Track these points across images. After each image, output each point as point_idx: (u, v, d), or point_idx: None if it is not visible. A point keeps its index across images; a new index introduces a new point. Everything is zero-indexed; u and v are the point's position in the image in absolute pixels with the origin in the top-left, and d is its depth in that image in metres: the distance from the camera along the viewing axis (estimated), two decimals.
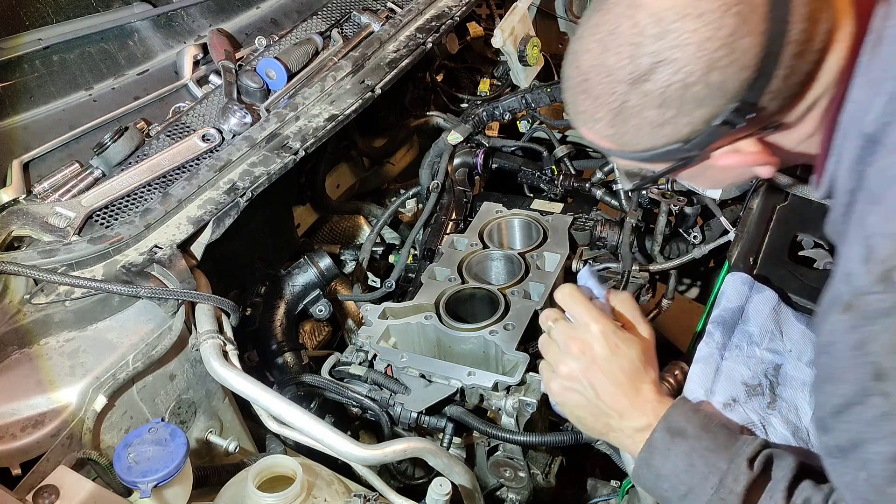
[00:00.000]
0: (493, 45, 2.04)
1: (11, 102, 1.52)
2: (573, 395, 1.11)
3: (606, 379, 1.08)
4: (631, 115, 0.92)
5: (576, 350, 1.09)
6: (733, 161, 0.97)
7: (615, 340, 1.08)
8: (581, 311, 1.10)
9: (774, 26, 0.85)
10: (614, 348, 1.08)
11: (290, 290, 1.65)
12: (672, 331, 1.82)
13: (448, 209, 1.86)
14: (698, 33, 0.85)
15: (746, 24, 0.85)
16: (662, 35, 0.86)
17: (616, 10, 0.91)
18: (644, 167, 1.04)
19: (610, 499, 1.49)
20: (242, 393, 1.25)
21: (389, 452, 1.21)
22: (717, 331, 1.30)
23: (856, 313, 0.82)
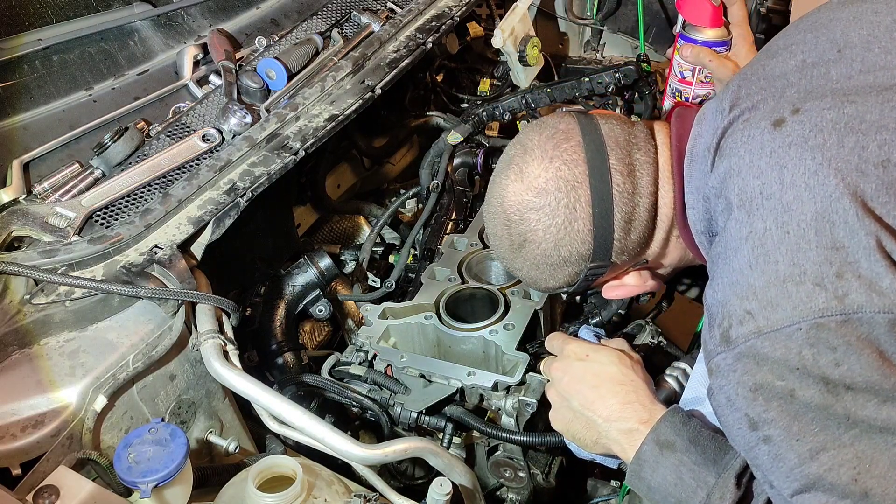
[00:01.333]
0: (493, 45, 2.04)
1: (11, 102, 1.52)
2: (564, 413, 1.20)
3: (582, 386, 1.17)
4: (522, 269, 1.23)
5: (555, 372, 1.22)
6: (621, 292, 1.26)
7: (584, 352, 1.21)
8: (556, 341, 1.28)
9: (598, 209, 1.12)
10: (584, 358, 1.20)
11: (290, 290, 1.65)
12: (672, 331, 1.81)
13: (448, 209, 1.86)
14: (542, 222, 1.14)
15: (575, 211, 1.12)
16: (521, 224, 1.16)
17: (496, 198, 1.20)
18: None
19: (610, 499, 1.50)
20: (243, 393, 1.24)
21: (390, 452, 1.21)
22: None
23: (716, 375, 0.94)
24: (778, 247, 0.89)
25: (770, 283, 0.89)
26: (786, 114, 0.96)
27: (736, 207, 0.96)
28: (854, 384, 0.85)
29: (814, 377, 0.86)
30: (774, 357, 0.88)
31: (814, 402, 0.86)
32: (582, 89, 1.97)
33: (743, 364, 0.90)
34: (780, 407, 0.88)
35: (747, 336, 0.89)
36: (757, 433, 0.90)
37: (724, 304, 0.94)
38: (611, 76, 1.93)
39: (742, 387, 0.90)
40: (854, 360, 0.84)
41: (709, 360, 0.96)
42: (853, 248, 0.85)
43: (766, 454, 0.90)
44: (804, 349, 0.86)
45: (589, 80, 1.95)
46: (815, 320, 0.85)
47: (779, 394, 0.88)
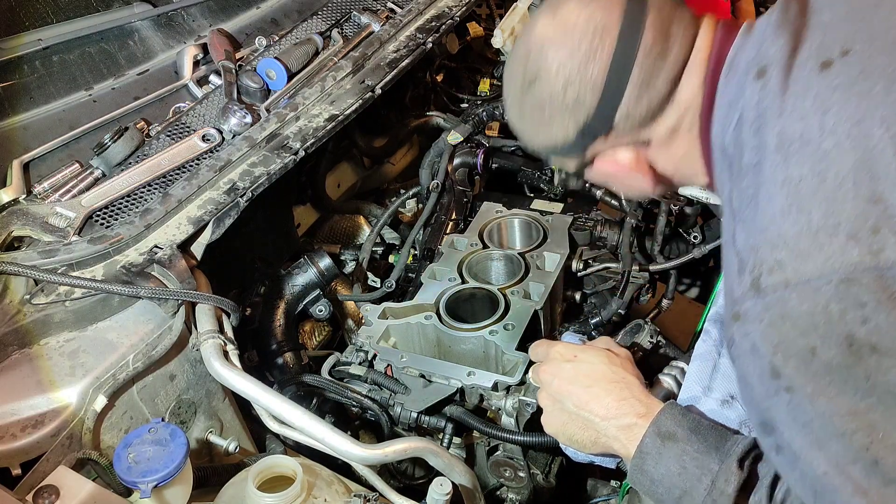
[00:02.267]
0: (493, 45, 2.04)
1: (11, 102, 1.52)
2: (558, 415, 1.19)
3: (574, 386, 1.16)
4: (524, 115, 1.17)
5: (545, 375, 1.21)
6: (611, 168, 1.17)
7: (572, 353, 1.21)
8: (541, 347, 1.28)
9: (618, 60, 1.06)
10: (573, 359, 1.20)
11: (290, 290, 1.65)
12: (672, 331, 1.81)
13: (448, 209, 1.86)
14: (559, 59, 1.08)
15: (595, 55, 1.07)
16: (539, 58, 1.10)
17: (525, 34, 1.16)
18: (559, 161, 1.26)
19: (610, 499, 1.50)
20: (243, 393, 1.24)
21: (390, 452, 1.21)
22: (714, 328, 1.30)
23: (743, 321, 0.91)
24: (813, 196, 0.86)
25: (802, 232, 0.86)
26: (834, 55, 0.92)
27: (773, 150, 0.92)
28: (879, 345, 0.82)
29: (838, 335, 0.83)
30: (800, 311, 0.85)
31: (835, 363, 0.83)
32: None
33: (770, 315, 0.87)
34: (799, 366, 0.86)
35: (776, 287, 0.87)
36: (779, 382, 0.87)
37: (756, 251, 0.91)
38: None
39: (767, 337, 0.88)
40: (883, 319, 0.81)
41: (735, 305, 0.92)
42: (893, 202, 0.82)
43: (786, 405, 0.87)
44: (832, 304, 0.83)
45: None
46: (846, 274, 0.82)
47: (800, 351, 0.85)
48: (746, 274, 0.91)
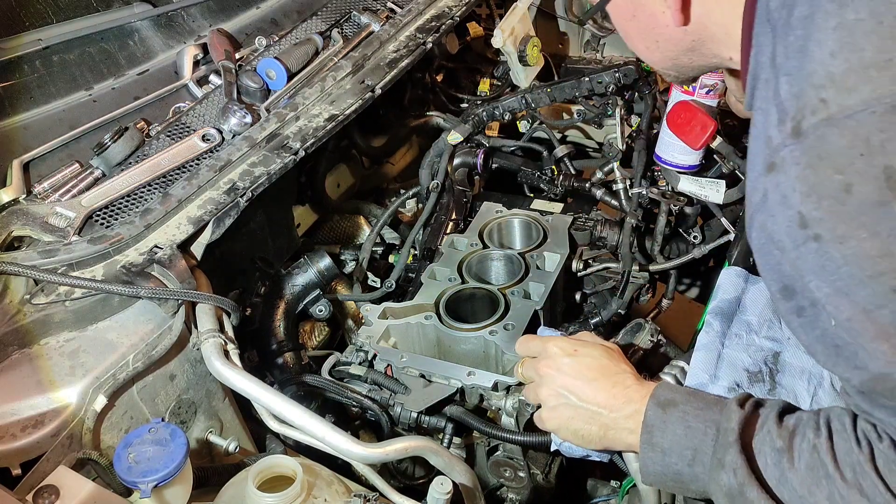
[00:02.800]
0: (493, 45, 2.04)
1: (11, 102, 1.52)
2: (562, 410, 1.17)
3: (578, 380, 1.16)
4: None
5: (544, 370, 1.20)
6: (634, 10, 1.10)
7: (572, 347, 1.20)
8: (535, 343, 1.26)
9: None
10: (573, 353, 1.19)
11: (290, 290, 1.65)
12: (672, 331, 1.82)
13: (448, 209, 1.86)
14: None
15: None
16: None
17: None
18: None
19: (610, 499, 1.49)
20: (243, 392, 1.24)
21: (391, 451, 1.21)
22: (715, 321, 1.31)
23: (776, 171, 0.88)
24: (868, 35, 0.84)
25: (852, 69, 0.84)
26: None
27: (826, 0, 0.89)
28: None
29: (876, 167, 0.81)
30: (840, 146, 0.83)
31: (870, 200, 0.81)
32: (582, 89, 1.97)
33: (808, 157, 0.85)
34: (832, 207, 0.83)
35: (818, 126, 0.84)
36: (806, 231, 0.85)
37: (800, 97, 0.88)
38: (611, 76, 1.93)
39: (801, 181, 0.85)
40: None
41: (771, 155, 0.89)
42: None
43: (813, 254, 0.85)
44: (873, 134, 0.81)
45: (589, 79, 1.95)
46: (892, 103, 0.81)
47: (834, 191, 0.83)
48: (788, 121, 0.88)
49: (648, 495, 1.24)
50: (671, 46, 1.16)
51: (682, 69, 1.22)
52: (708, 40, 1.11)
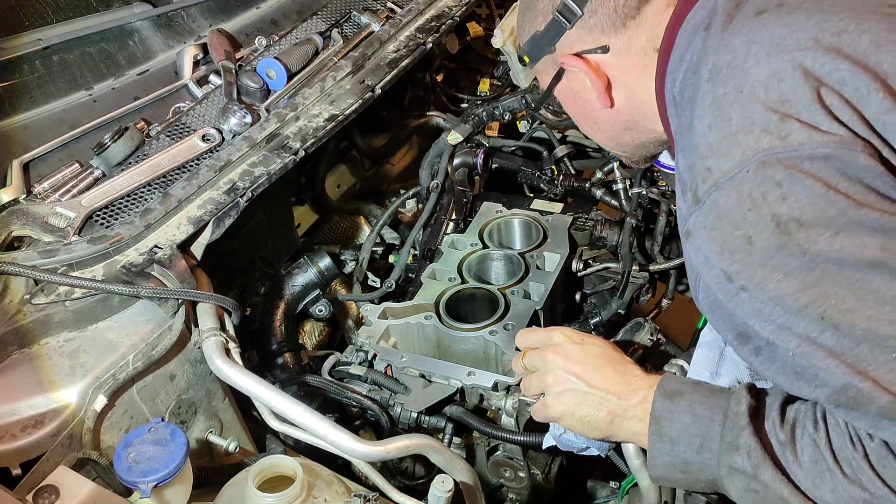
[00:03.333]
0: (493, 45, 2.04)
1: (11, 102, 1.52)
2: (569, 396, 1.17)
3: (587, 366, 1.17)
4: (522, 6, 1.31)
5: (551, 356, 1.20)
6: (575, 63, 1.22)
7: (578, 336, 1.22)
8: (539, 333, 1.27)
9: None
10: (580, 341, 1.20)
11: (290, 290, 1.65)
12: (672, 330, 1.82)
13: (448, 209, 1.86)
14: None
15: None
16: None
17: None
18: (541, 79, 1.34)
19: (609, 500, 1.50)
20: (245, 390, 1.24)
21: (392, 449, 1.21)
22: None
23: (692, 237, 0.99)
24: (732, 105, 0.97)
25: (724, 137, 0.96)
26: (770, 6, 1.03)
27: (706, 80, 1.03)
28: (803, 218, 0.89)
29: (764, 217, 0.91)
30: (730, 205, 0.93)
31: (770, 245, 0.91)
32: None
33: (709, 220, 0.96)
34: (744, 259, 0.93)
35: (709, 191, 0.96)
36: (733, 284, 0.94)
37: (692, 168, 1.00)
38: None
39: (712, 242, 0.96)
40: (799, 191, 0.89)
41: (684, 224, 1.01)
42: (796, 99, 0.93)
43: (746, 302, 0.94)
44: (753, 190, 0.92)
45: None
46: (760, 160, 0.92)
47: (740, 245, 0.93)
48: (688, 192, 1.00)
49: (648, 495, 1.24)
50: (609, 127, 1.31)
51: (625, 147, 1.35)
52: (640, 118, 1.26)
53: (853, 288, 0.87)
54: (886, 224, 0.88)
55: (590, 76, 1.23)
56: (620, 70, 1.23)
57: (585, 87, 1.26)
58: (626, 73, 1.23)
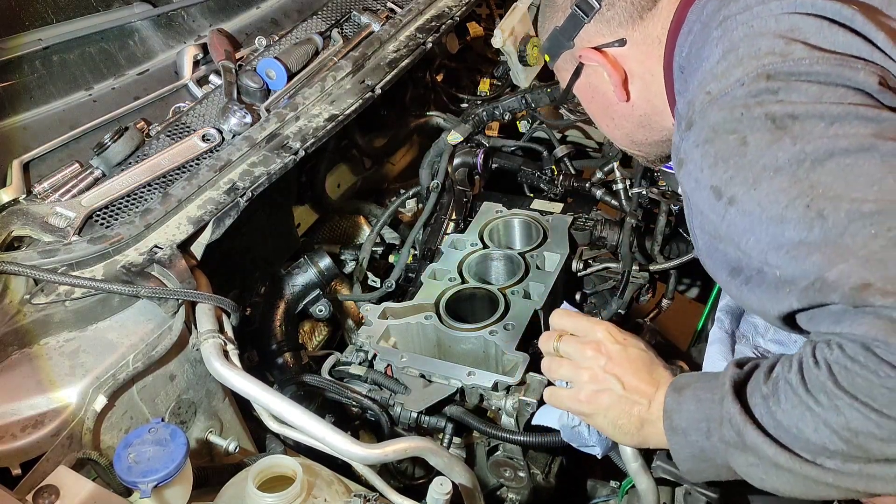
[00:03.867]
0: (493, 45, 2.04)
1: (11, 102, 1.52)
2: (603, 396, 1.14)
3: (626, 369, 1.13)
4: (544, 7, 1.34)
5: (591, 353, 1.15)
6: (593, 56, 1.25)
7: (621, 336, 1.17)
8: (583, 321, 1.20)
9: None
10: (623, 342, 1.16)
11: (290, 290, 1.65)
12: (672, 331, 1.82)
13: (448, 209, 1.86)
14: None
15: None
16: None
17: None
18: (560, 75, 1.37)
19: (609, 499, 1.49)
20: (243, 392, 1.24)
21: (390, 451, 1.21)
22: (726, 318, 1.33)
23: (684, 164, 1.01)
24: (742, 39, 1.00)
25: (730, 64, 0.98)
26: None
27: (715, 28, 1.06)
28: (796, 112, 0.90)
29: (759, 117, 0.92)
30: (723, 116, 0.95)
31: (763, 142, 0.91)
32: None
33: (703, 135, 0.97)
34: (737, 162, 0.93)
35: (703, 109, 0.98)
36: (722, 200, 0.94)
37: (691, 102, 1.02)
38: None
39: (704, 158, 0.96)
40: (794, 94, 0.91)
41: (677, 155, 1.03)
42: (806, 28, 0.96)
43: (736, 216, 0.93)
44: (748, 98, 0.94)
45: None
46: (757, 73, 0.94)
47: (734, 148, 0.93)
48: (682, 123, 1.02)
49: (647, 497, 1.24)
50: (625, 122, 1.32)
51: (641, 146, 1.36)
52: (653, 113, 1.27)
53: (842, 174, 0.86)
54: (881, 115, 0.88)
55: (607, 69, 1.24)
56: (637, 62, 1.24)
57: (603, 82, 1.28)
58: (641, 65, 1.24)
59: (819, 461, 0.88)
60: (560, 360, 1.19)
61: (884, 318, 0.81)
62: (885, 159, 0.85)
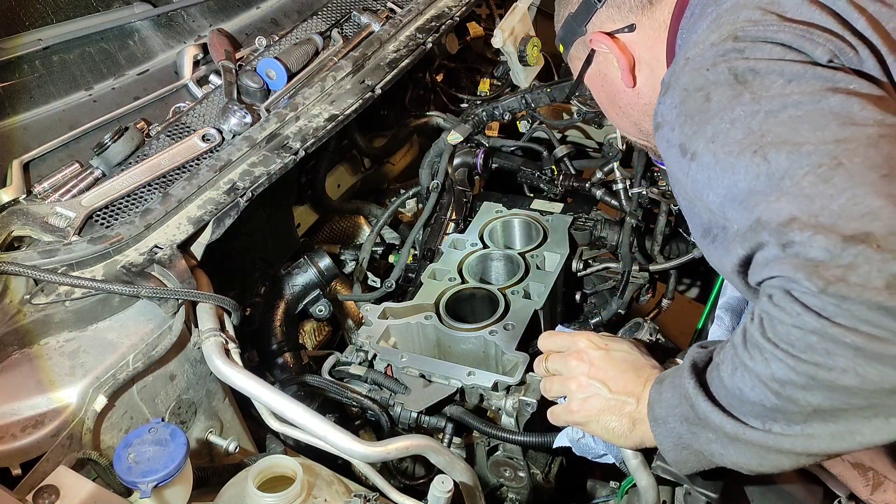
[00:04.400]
0: (493, 45, 2.04)
1: (11, 102, 1.52)
2: (592, 401, 1.15)
3: (610, 373, 1.15)
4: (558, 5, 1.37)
5: (575, 362, 1.18)
6: (604, 41, 1.27)
7: (602, 341, 1.20)
8: (563, 337, 1.25)
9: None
10: (605, 347, 1.19)
11: (290, 290, 1.65)
12: (672, 331, 1.82)
13: (448, 209, 1.86)
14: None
15: None
16: None
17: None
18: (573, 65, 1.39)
19: (609, 499, 1.49)
20: (244, 390, 1.24)
21: (392, 449, 1.21)
22: (726, 315, 1.33)
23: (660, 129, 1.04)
24: (728, 10, 1.03)
25: (710, 31, 1.03)
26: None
27: (709, 5, 1.09)
28: (757, 68, 0.94)
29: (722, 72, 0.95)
30: (692, 76, 0.98)
31: (725, 96, 0.94)
32: (583, 89, 1.96)
33: (676, 96, 1.00)
34: (700, 118, 0.96)
35: (677, 73, 1.01)
36: (686, 156, 0.97)
37: (673, 69, 1.06)
38: None
39: (677, 118, 0.99)
40: (759, 53, 0.95)
41: (654, 119, 1.06)
42: (786, 2, 0.99)
43: (696, 171, 0.95)
44: (716, 56, 0.97)
45: None
46: (727, 35, 0.99)
47: (699, 105, 0.96)
48: (662, 90, 1.05)
49: (647, 494, 1.24)
50: (632, 110, 1.33)
51: (649, 136, 1.33)
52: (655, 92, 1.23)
53: (791, 123, 0.88)
54: (837, 76, 0.91)
55: (615, 53, 1.26)
56: (645, 47, 1.26)
57: (612, 69, 1.30)
58: (649, 50, 1.26)
59: (767, 426, 0.88)
60: (551, 378, 1.23)
61: (800, 256, 0.81)
62: (833, 109, 0.87)
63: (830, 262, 0.79)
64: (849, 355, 0.78)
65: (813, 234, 0.80)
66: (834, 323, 0.78)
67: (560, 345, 1.24)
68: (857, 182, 0.81)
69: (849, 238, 0.78)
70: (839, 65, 0.94)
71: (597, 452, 1.23)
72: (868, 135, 0.84)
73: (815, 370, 0.81)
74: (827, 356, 0.80)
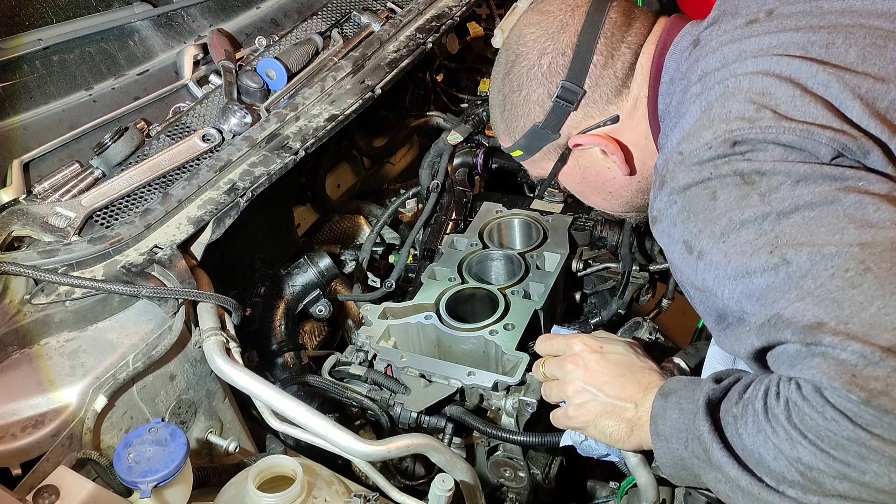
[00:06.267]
0: (493, 45, 2.04)
1: (11, 102, 1.52)
2: (590, 406, 1.16)
3: (605, 376, 1.15)
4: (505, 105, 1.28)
5: (570, 367, 1.19)
6: (585, 140, 1.24)
7: (597, 344, 1.20)
8: (558, 341, 1.25)
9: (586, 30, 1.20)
10: (599, 350, 1.19)
11: (290, 290, 1.65)
12: (672, 330, 1.82)
13: (448, 209, 1.86)
14: (535, 34, 1.24)
15: (566, 27, 1.22)
16: (518, 41, 1.26)
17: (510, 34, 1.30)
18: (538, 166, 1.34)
19: (609, 500, 1.49)
20: (245, 389, 1.24)
21: (393, 448, 1.21)
22: None
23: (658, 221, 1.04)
24: (717, 99, 1.01)
25: (703, 125, 1.00)
26: (760, 15, 1.08)
27: (693, 84, 1.07)
28: (763, 169, 0.93)
29: (728, 174, 0.95)
30: (692, 176, 0.97)
31: (733, 196, 0.94)
32: None
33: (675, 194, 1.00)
34: (706, 216, 0.95)
35: (674, 170, 1.00)
36: (693, 254, 0.97)
37: (666, 159, 1.04)
38: None
39: (679, 213, 0.99)
40: (762, 154, 0.94)
41: (651, 211, 1.05)
42: (777, 93, 0.97)
43: (705, 270, 0.96)
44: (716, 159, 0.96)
45: None
46: (725, 138, 0.96)
47: (704, 203, 0.96)
48: (657, 181, 1.04)
49: (647, 492, 1.24)
50: (624, 193, 1.32)
51: (640, 209, 1.34)
52: (650, 175, 1.23)
53: (806, 225, 0.89)
54: (846, 174, 0.90)
55: (608, 149, 1.23)
56: (629, 129, 1.23)
57: (595, 161, 1.26)
58: (634, 131, 1.23)
59: (781, 489, 0.88)
60: (550, 383, 1.23)
61: (831, 359, 0.82)
62: (847, 211, 0.88)
63: (866, 372, 0.79)
64: (884, 462, 0.80)
65: (844, 340, 0.81)
66: (873, 434, 0.79)
67: (556, 348, 1.25)
68: (888, 291, 0.81)
69: (886, 349, 0.79)
70: (844, 161, 0.92)
71: (600, 453, 1.23)
72: (891, 238, 0.84)
73: (847, 469, 0.82)
74: (861, 460, 0.81)
